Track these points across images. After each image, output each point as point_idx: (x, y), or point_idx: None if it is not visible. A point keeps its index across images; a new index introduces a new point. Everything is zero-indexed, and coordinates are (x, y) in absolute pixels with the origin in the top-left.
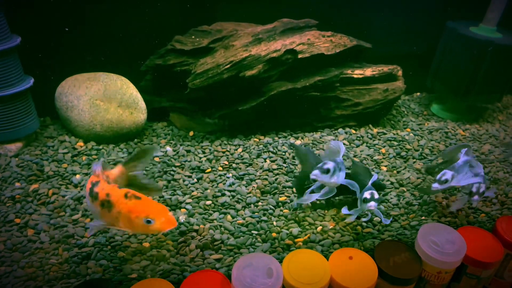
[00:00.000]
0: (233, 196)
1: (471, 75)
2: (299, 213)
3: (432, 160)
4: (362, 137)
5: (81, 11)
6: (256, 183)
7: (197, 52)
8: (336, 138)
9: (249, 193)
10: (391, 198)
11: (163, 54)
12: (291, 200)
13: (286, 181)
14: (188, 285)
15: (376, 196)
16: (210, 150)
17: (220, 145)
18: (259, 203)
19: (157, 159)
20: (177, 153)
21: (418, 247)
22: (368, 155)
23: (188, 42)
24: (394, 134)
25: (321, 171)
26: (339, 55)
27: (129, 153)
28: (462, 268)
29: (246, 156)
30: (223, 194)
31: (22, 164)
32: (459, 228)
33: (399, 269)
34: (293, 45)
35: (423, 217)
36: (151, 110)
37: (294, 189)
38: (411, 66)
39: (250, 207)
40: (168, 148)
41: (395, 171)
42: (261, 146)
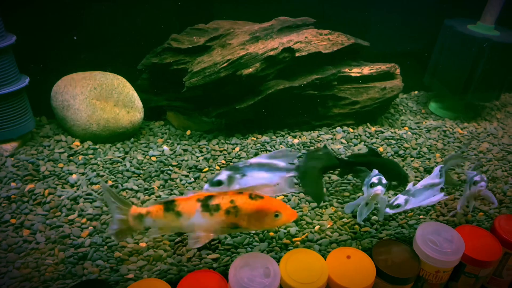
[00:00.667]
0: None
1: (469, 73)
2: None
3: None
4: (360, 136)
5: (77, 10)
6: None
7: (194, 51)
8: (334, 137)
9: None
10: (389, 197)
11: (160, 53)
12: (289, 200)
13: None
14: (185, 285)
15: (384, 182)
16: (207, 149)
17: (218, 144)
18: None
19: (154, 159)
20: (174, 152)
21: (416, 246)
22: None
23: (185, 41)
24: (392, 133)
25: (211, 184)
26: (337, 54)
27: (126, 152)
28: (460, 267)
29: (244, 155)
30: None
31: (18, 164)
32: (457, 227)
33: (397, 268)
34: (291, 44)
35: (421, 216)
36: (148, 109)
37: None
38: (409, 64)
39: None
40: (165, 148)
41: None
42: (259, 145)
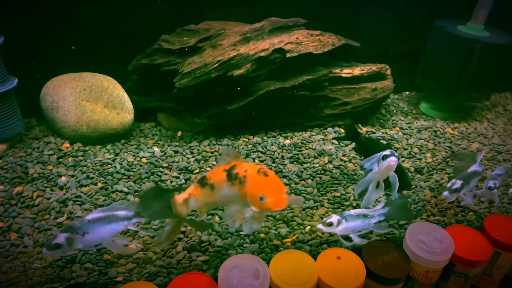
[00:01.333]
0: None
1: (459, 74)
2: (288, 213)
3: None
4: None
5: (67, 11)
6: None
7: (185, 52)
8: (326, 137)
9: None
10: (380, 198)
11: (150, 54)
12: None
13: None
14: None
15: (397, 154)
16: (199, 151)
17: (209, 145)
18: None
19: (144, 160)
20: (165, 154)
21: (406, 247)
22: (357, 154)
23: (175, 42)
24: (383, 133)
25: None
26: (328, 54)
27: (116, 154)
28: (450, 267)
29: None
30: None
31: (6, 167)
32: (447, 227)
33: (387, 269)
34: (282, 44)
35: None
36: (139, 111)
37: None
38: (400, 65)
39: None
40: (156, 149)
41: None
42: (250, 146)
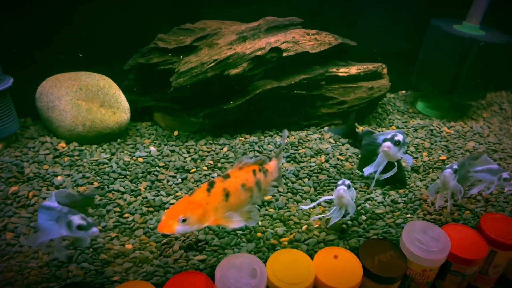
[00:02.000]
0: None
1: (455, 73)
2: (285, 212)
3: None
4: None
5: (63, 10)
6: None
7: (181, 51)
8: (322, 137)
9: None
10: (376, 196)
11: (146, 53)
12: (277, 200)
13: (272, 180)
14: (171, 287)
15: (397, 138)
16: (195, 150)
17: (205, 145)
18: None
19: (141, 160)
20: (161, 153)
21: (403, 245)
22: (354, 153)
23: (172, 41)
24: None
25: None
26: (324, 53)
27: (112, 154)
28: (447, 266)
29: (232, 156)
30: None
31: (1, 166)
32: (444, 226)
33: (384, 268)
34: (278, 43)
35: (408, 215)
36: (135, 110)
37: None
38: (396, 64)
39: None
40: (152, 148)
41: None
42: (247, 145)
